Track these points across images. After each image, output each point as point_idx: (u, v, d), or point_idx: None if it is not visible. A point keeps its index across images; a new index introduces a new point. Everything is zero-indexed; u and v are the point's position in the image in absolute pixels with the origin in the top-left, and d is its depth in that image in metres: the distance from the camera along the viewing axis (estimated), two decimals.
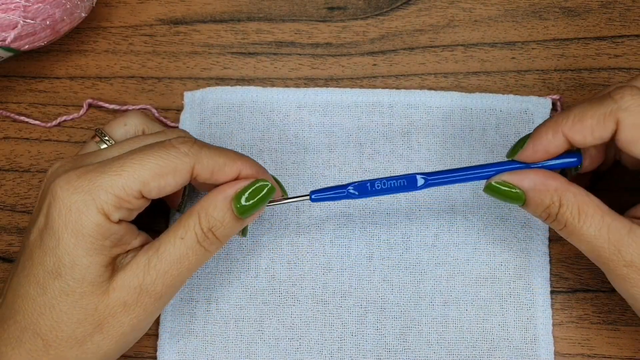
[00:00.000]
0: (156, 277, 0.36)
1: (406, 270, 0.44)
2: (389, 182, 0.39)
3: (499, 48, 0.47)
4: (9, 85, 0.48)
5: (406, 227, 0.45)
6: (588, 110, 0.36)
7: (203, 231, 0.37)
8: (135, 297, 0.36)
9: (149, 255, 0.37)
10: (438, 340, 0.43)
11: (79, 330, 0.36)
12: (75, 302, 0.36)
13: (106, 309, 0.36)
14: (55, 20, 0.43)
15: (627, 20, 0.47)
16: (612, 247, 0.36)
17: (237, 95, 0.46)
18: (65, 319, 0.36)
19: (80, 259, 0.36)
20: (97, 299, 0.36)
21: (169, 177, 0.36)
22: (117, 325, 0.37)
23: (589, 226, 0.36)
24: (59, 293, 0.36)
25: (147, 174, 0.36)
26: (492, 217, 0.44)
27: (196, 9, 0.49)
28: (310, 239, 0.45)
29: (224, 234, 0.38)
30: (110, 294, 0.36)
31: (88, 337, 0.36)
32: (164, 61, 0.48)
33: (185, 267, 0.37)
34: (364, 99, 0.46)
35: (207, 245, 0.37)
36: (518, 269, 0.44)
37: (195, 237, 0.37)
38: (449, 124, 0.46)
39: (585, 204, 0.37)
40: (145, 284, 0.36)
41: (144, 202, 0.37)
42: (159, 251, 0.37)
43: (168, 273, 0.37)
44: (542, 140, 0.37)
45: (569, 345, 0.43)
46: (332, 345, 0.43)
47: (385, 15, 0.48)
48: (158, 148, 0.37)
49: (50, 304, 0.36)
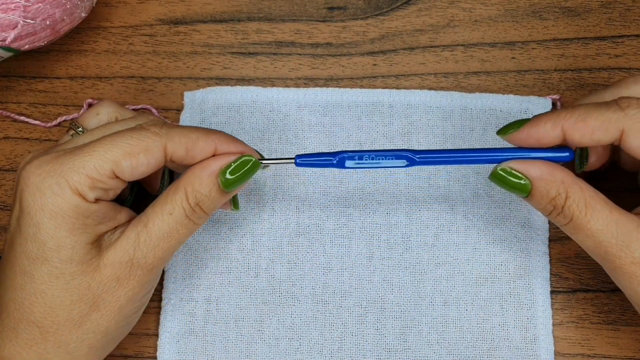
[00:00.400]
0: (147, 251, 0.37)
1: (406, 270, 0.44)
2: (378, 157, 0.39)
3: (499, 48, 0.47)
4: (9, 85, 0.48)
5: (406, 227, 0.45)
6: (593, 112, 0.36)
7: (191, 206, 0.37)
8: (128, 271, 0.37)
9: (137, 231, 0.37)
10: (438, 340, 0.43)
11: (75, 312, 0.36)
12: (67, 284, 0.36)
13: (99, 286, 0.36)
14: (55, 20, 0.43)
15: (627, 20, 0.47)
16: (620, 243, 0.36)
17: (237, 95, 0.46)
18: (59, 303, 0.36)
19: (64, 240, 0.36)
20: (89, 277, 0.36)
21: (140, 156, 0.36)
22: (113, 300, 0.37)
23: (596, 220, 0.36)
24: (48, 278, 0.36)
25: (119, 153, 0.36)
26: (492, 217, 0.44)
27: (196, 9, 0.49)
28: (310, 239, 0.45)
29: (210, 208, 0.38)
30: (102, 270, 0.36)
31: (85, 317, 0.37)
32: (164, 61, 0.48)
33: (176, 239, 0.38)
34: (364, 99, 0.46)
35: (195, 219, 0.38)
36: (518, 269, 0.44)
37: (184, 212, 0.37)
38: (449, 124, 0.46)
39: (593, 198, 0.36)
40: (137, 257, 0.37)
41: (119, 182, 0.37)
42: (148, 226, 0.37)
43: (158, 246, 0.37)
44: (539, 128, 0.37)
45: (569, 345, 0.43)
46: (332, 345, 0.43)
47: (385, 15, 0.48)
48: (129, 130, 0.37)
49: (41, 290, 0.36)
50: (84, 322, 0.37)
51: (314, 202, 0.45)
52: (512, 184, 0.37)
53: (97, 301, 0.37)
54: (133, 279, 0.37)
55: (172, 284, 0.44)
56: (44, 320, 0.36)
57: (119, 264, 0.37)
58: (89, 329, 0.37)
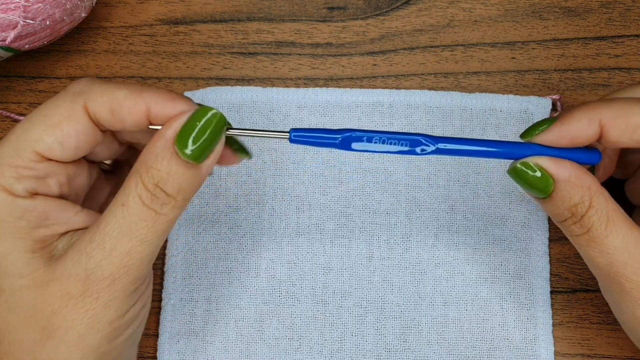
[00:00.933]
0: (101, 258, 0.29)
1: (406, 270, 0.44)
2: (389, 140, 0.33)
3: (499, 48, 0.47)
4: (9, 85, 0.48)
5: (406, 227, 0.45)
6: (634, 108, 0.32)
7: (148, 190, 0.29)
8: (81, 286, 0.29)
9: (91, 234, 0.30)
10: (438, 340, 0.43)
11: (26, 338, 0.29)
12: (8, 302, 0.29)
13: (47, 306, 0.29)
14: (55, 20, 0.43)
15: (628, 20, 0.47)
16: (636, 265, 0.32)
17: (237, 95, 0.46)
18: (6, 326, 0.30)
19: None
20: (34, 294, 0.29)
21: (63, 126, 0.30)
22: (67, 325, 0.29)
23: (615, 236, 0.32)
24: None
25: (37, 129, 0.30)
26: (492, 217, 0.44)
27: (196, 9, 0.49)
28: (310, 239, 0.45)
29: (175, 188, 0.30)
30: (49, 286, 0.29)
31: (39, 346, 0.29)
32: (164, 61, 0.48)
33: (136, 239, 0.30)
34: (364, 99, 0.46)
35: (157, 207, 0.30)
36: (518, 269, 0.44)
37: (140, 200, 0.29)
38: (449, 124, 0.46)
39: (615, 212, 0.32)
40: (89, 268, 0.29)
41: (55, 165, 0.31)
42: (100, 226, 0.30)
43: (116, 250, 0.29)
44: (572, 125, 0.32)
45: (569, 345, 0.43)
46: (332, 345, 0.43)
47: (385, 15, 0.48)
48: (48, 100, 0.31)
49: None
50: (40, 352, 0.29)
51: (314, 202, 0.45)
52: (533, 181, 0.32)
53: (48, 326, 0.29)
54: (90, 297, 0.29)
55: (172, 284, 0.44)
56: (1, 346, 0.30)
57: (68, 276, 0.29)
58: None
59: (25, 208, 0.30)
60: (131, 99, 0.30)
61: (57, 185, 0.31)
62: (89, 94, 0.30)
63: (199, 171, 0.30)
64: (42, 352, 0.29)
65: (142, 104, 0.30)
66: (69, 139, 0.30)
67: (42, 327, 0.29)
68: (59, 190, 0.31)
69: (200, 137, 0.29)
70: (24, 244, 0.30)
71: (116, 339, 0.31)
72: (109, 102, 0.30)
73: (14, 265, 0.29)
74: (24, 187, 0.30)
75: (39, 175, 0.30)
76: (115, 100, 0.30)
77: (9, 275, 0.29)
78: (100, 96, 0.30)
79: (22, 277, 0.29)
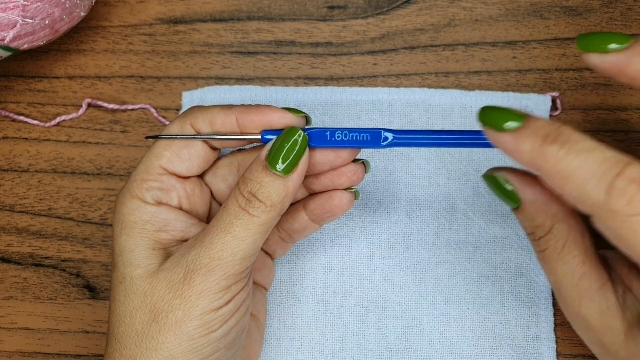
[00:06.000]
0: (200, 250, 0.34)
1: (407, 269, 0.44)
2: (351, 135, 0.36)
3: (500, 47, 0.47)
4: (8, 85, 0.48)
5: (407, 226, 0.44)
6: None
7: (244, 196, 0.35)
8: (182, 275, 0.34)
9: (197, 235, 0.36)
10: (440, 339, 0.43)
11: (137, 321, 0.35)
12: (127, 289, 0.35)
13: (155, 292, 0.34)
14: (54, 19, 0.43)
15: (629, 19, 0.47)
16: (574, 294, 0.35)
17: (236, 94, 0.46)
18: (123, 310, 0.35)
19: (124, 243, 0.36)
20: (146, 282, 0.35)
21: (177, 141, 0.37)
22: (167, 309, 0.34)
23: (563, 264, 0.35)
24: (116, 283, 0.36)
25: (160, 147, 0.37)
26: (493, 215, 0.44)
27: (196, 8, 0.48)
28: (310, 239, 0.44)
29: (267, 196, 0.35)
30: (159, 274, 0.35)
31: (146, 328, 0.34)
32: (163, 60, 0.48)
33: (231, 234, 0.34)
34: (364, 97, 0.46)
35: (250, 210, 0.35)
36: (519, 267, 0.44)
37: (236, 202, 0.35)
38: (448, 122, 0.45)
39: (575, 243, 0.35)
40: (190, 259, 0.34)
41: (174, 179, 0.38)
42: (206, 229, 0.35)
43: (212, 243, 0.34)
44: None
45: (570, 346, 0.43)
46: (334, 345, 0.43)
47: (385, 14, 0.48)
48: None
49: (113, 298, 0.36)
50: (145, 335, 0.34)
51: None
52: (505, 192, 0.35)
53: (155, 310, 0.34)
54: (188, 284, 0.34)
55: None
56: (116, 329, 0.35)
57: (174, 267, 0.35)
58: (150, 345, 0.34)
59: (152, 213, 0.37)
60: (223, 112, 0.37)
61: (177, 198, 0.38)
62: (193, 114, 0.37)
63: (285, 182, 0.35)
64: (147, 334, 0.34)
65: (232, 115, 0.37)
66: (183, 151, 0.37)
67: (150, 311, 0.34)
68: (178, 202, 0.38)
69: (288, 156, 0.35)
70: (147, 242, 0.36)
71: (209, 334, 0.35)
72: (208, 118, 0.37)
73: (136, 258, 0.36)
74: (151, 196, 0.37)
75: (162, 187, 0.37)
76: (211, 115, 0.37)
77: (131, 265, 0.36)
78: (200, 115, 0.37)
79: (140, 267, 0.35)
